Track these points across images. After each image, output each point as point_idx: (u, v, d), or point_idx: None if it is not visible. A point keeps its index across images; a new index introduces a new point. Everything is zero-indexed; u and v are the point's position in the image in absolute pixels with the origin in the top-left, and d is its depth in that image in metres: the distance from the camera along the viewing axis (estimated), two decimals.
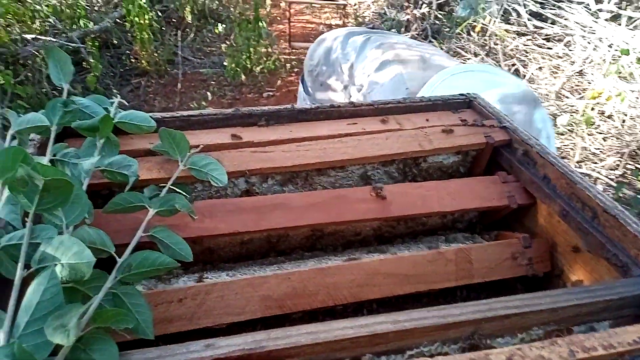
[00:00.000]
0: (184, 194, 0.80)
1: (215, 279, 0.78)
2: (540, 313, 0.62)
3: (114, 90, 3.64)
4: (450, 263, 0.84)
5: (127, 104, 0.97)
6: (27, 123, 0.82)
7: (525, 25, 4.74)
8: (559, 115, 3.73)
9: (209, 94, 3.75)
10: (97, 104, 0.90)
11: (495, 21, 4.64)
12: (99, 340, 0.53)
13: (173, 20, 4.88)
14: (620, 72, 3.72)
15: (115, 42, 4.28)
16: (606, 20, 4.39)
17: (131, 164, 0.80)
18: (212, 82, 3.92)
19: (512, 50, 4.49)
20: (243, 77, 3.90)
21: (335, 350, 0.57)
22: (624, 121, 3.58)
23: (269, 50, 4.29)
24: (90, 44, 3.73)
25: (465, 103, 1.11)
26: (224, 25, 4.70)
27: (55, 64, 0.91)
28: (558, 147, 3.38)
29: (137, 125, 0.90)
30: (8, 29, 3.92)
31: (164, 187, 0.81)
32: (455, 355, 0.56)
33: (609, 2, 4.48)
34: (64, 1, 4.39)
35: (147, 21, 3.87)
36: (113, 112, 0.90)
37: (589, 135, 3.57)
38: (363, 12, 6.00)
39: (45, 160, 0.77)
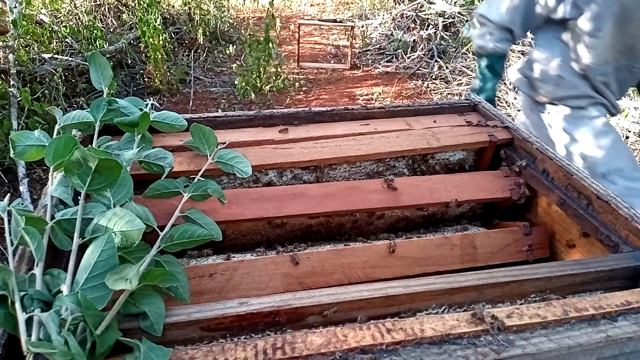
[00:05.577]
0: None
1: (242, 258, 0.85)
2: (537, 281, 0.69)
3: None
4: (456, 248, 0.91)
5: (158, 105, 1.06)
6: (72, 119, 0.91)
7: (530, 45, 4.84)
8: None
9: (219, 111, 3.85)
10: (133, 105, 0.99)
11: None
12: (147, 296, 0.61)
13: (185, 41, 5.04)
14: None
15: (129, 62, 4.42)
16: None
17: (166, 156, 0.88)
18: (223, 101, 4.03)
19: None
20: (253, 95, 4.02)
21: (353, 309, 0.64)
22: (627, 137, 3.65)
23: (279, 70, 4.42)
24: None
25: (470, 107, 1.19)
26: (234, 47, 4.85)
27: (95, 68, 1.00)
28: None
29: (169, 124, 0.99)
30: (27, 48, 4.07)
31: (194, 178, 0.89)
32: (460, 313, 0.62)
33: None
34: (81, 22, 4.55)
35: (160, 42, 4.00)
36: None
37: None
38: (370, 34, 6.15)
39: None
